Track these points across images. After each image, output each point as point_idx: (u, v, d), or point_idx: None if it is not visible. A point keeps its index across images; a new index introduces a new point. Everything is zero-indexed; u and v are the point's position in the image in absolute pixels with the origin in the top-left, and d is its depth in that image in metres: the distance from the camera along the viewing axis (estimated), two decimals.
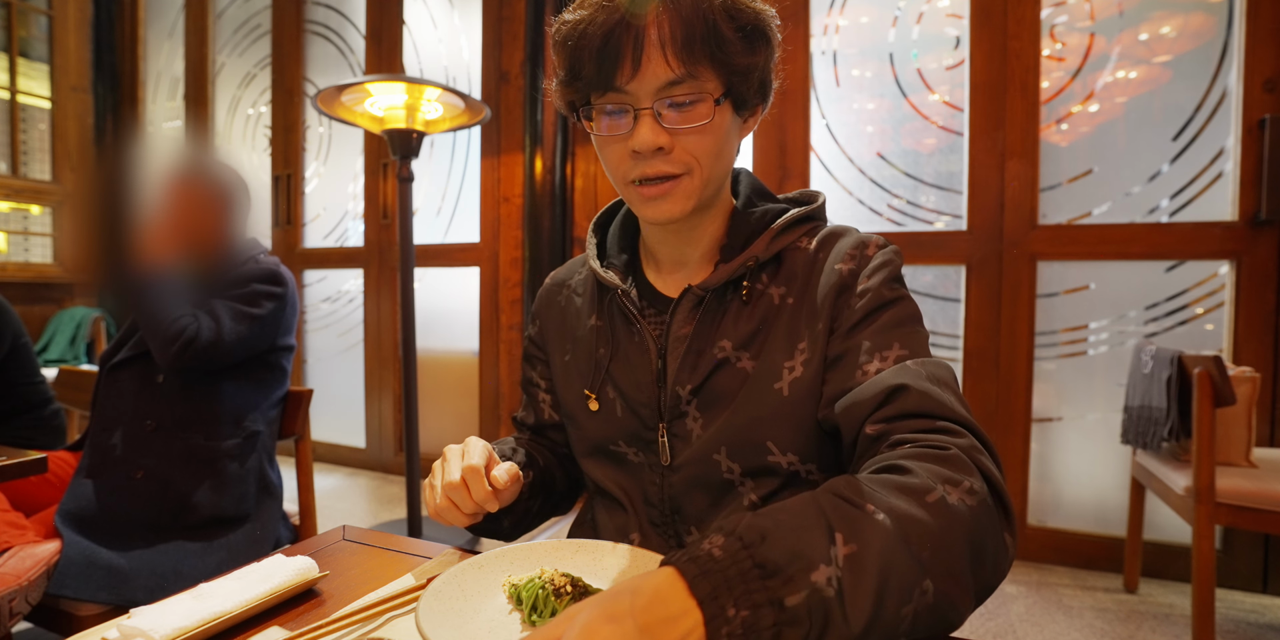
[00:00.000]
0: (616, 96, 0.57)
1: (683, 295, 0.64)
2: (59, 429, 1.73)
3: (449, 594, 0.50)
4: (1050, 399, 2.08)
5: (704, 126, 0.57)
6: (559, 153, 2.55)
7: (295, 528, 1.39)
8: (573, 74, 0.59)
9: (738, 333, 0.63)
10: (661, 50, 0.55)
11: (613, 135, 0.59)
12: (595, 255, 0.72)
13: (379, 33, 3.05)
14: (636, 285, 0.71)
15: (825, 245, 0.65)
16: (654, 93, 0.56)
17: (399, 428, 3.05)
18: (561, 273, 0.80)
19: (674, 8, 0.55)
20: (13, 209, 3.61)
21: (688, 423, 0.64)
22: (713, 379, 0.63)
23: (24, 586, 0.96)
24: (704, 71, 0.56)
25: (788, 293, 0.64)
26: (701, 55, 0.55)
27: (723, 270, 0.63)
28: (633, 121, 0.57)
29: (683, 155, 0.58)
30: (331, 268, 3.28)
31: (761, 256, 0.63)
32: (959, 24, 2.12)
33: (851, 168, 2.29)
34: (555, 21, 0.60)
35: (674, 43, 0.54)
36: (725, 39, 0.55)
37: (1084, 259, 2.00)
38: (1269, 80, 1.80)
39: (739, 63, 0.57)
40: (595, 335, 0.71)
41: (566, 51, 0.58)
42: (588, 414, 0.70)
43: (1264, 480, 1.43)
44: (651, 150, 0.57)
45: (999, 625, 1.65)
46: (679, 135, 0.58)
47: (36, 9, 3.70)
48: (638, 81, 0.56)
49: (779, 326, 0.63)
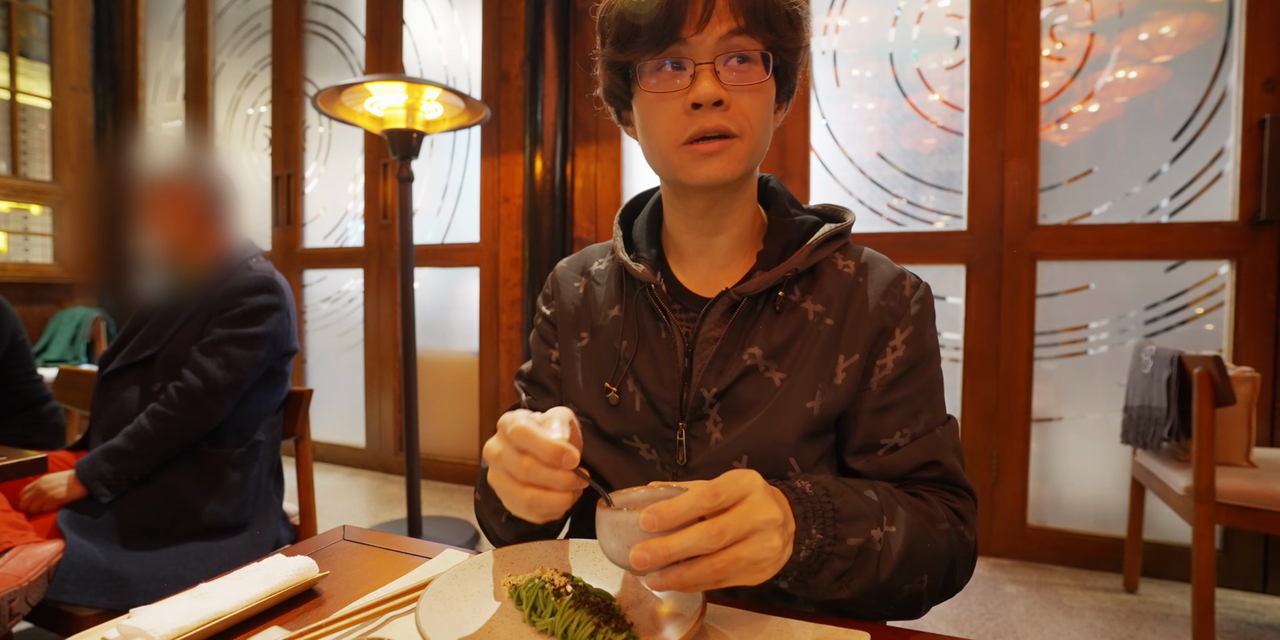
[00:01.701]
0: (678, 49, 0.58)
1: (718, 298, 0.64)
2: (57, 427, 1.73)
3: (449, 594, 0.50)
4: (1050, 399, 2.08)
5: (759, 85, 0.59)
6: (559, 153, 2.55)
7: (295, 528, 1.39)
8: (628, 36, 0.59)
9: (769, 342, 0.63)
10: (729, 3, 0.57)
11: (669, 91, 0.59)
12: (623, 248, 0.71)
13: (379, 33, 3.06)
14: (664, 280, 0.70)
15: (864, 271, 0.67)
16: (715, 45, 0.57)
17: (399, 428, 3.05)
18: (578, 259, 0.79)
19: None
20: (13, 209, 3.61)
21: (708, 426, 0.64)
22: (738, 385, 0.63)
23: (24, 587, 0.96)
24: (760, 36, 0.58)
25: (826, 312, 0.64)
26: (760, 18, 0.57)
27: (761, 278, 0.63)
28: (690, 78, 0.58)
29: (737, 115, 0.59)
30: (331, 268, 3.28)
31: (799, 268, 0.64)
32: (959, 24, 2.13)
33: (851, 168, 2.29)
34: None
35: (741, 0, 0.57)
36: (780, 10, 0.58)
37: (1084, 259, 2.00)
38: (1269, 80, 1.80)
39: (787, 37, 0.59)
40: (617, 326, 0.70)
41: (625, 13, 0.59)
42: (605, 406, 0.69)
43: (1264, 480, 1.43)
44: (712, 102, 0.58)
45: (999, 625, 1.65)
46: (735, 93, 0.58)
47: (36, 9, 3.70)
48: (703, 32, 0.57)
49: (814, 345, 0.63)
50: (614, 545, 0.43)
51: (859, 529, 0.51)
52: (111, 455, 1.15)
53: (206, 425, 1.20)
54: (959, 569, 0.59)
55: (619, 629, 0.44)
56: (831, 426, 0.65)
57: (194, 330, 1.26)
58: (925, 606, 0.57)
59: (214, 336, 1.23)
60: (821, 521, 0.50)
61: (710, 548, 0.40)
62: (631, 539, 0.42)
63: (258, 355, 1.24)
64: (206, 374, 1.20)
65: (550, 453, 0.45)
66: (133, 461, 1.15)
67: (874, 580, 0.51)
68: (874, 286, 0.65)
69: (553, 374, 0.76)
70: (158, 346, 1.26)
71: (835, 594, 0.52)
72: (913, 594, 0.55)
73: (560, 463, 0.45)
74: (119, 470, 1.14)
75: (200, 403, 1.19)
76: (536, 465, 0.46)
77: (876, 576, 0.51)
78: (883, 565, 0.51)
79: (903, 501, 0.56)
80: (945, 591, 0.59)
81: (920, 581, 0.54)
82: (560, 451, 0.45)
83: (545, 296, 0.79)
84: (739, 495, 0.43)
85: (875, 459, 0.62)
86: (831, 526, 0.50)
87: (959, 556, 0.58)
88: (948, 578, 0.58)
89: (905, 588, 0.54)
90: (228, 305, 1.25)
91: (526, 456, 0.47)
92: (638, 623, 0.46)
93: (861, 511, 0.52)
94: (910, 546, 0.53)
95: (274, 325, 1.27)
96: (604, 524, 0.44)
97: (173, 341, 1.26)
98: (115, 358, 1.30)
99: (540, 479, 0.46)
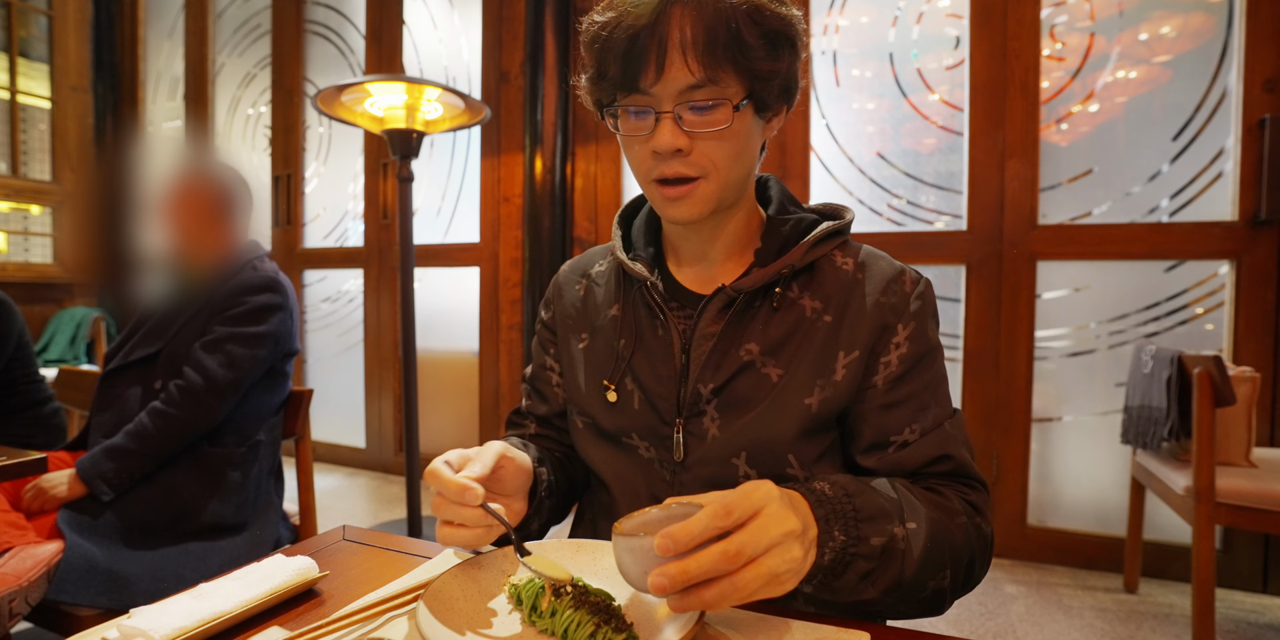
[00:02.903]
0: (640, 98, 0.59)
1: (715, 294, 0.65)
2: (58, 427, 1.73)
3: (449, 594, 0.50)
4: (1050, 399, 2.08)
5: (722, 132, 0.59)
6: (559, 153, 2.55)
7: (295, 528, 1.39)
8: (599, 73, 0.61)
9: (766, 338, 0.64)
10: (683, 55, 0.56)
11: (634, 135, 0.61)
12: (621, 247, 0.72)
13: (379, 33, 3.06)
14: (662, 279, 0.71)
15: (863, 268, 0.66)
16: (675, 96, 0.57)
17: (399, 428, 3.05)
18: (580, 262, 0.80)
19: (697, 12, 0.55)
20: (13, 209, 3.61)
21: (704, 422, 0.64)
22: (735, 381, 0.64)
23: (24, 587, 0.96)
24: (726, 76, 0.57)
25: (824, 309, 0.64)
26: (724, 60, 0.56)
27: (758, 274, 0.64)
28: (654, 123, 0.59)
29: (700, 158, 0.60)
30: (331, 268, 3.28)
31: (797, 265, 0.64)
32: (959, 24, 2.12)
33: (851, 168, 2.29)
34: (584, 20, 0.61)
35: (696, 47, 0.55)
36: (747, 45, 0.56)
37: (1084, 259, 2.00)
38: (1269, 80, 1.80)
39: (761, 68, 0.58)
40: (616, 326, 0.70)
41: (594, 52, 0.60)
42: (604, 405, 0.69)
43: (1264, 480, 1.43)
44: (670, 151, 0.59)
45: (999, 625, 1.65)
46: (698, 138, 0.59)
47: (36, 9, 3.70)
48: (660, 85, 0.57)
49: (813, 341, 0.63)
50: (633, 571, 0.43)
51: (881, 528, 0.50)
52: (112, 453, 1.15)
53: (207, 424, 1.20)
54: (978, 562, 0.58)
55: (619, 629, 0.44)
56: (833, 424, 0.65)
57: (196, 329, 1.26)
58: (948, 602, 0.57)
59: (216, 334, 1.23)
60: (844, 523, 0.49)
61: (728, 568, 0.40)
62: (648, 564, 0.41)
63: (259, 354, 1.25)
64: (208, 372, 1.20)
65: (453, 490, 0.49)
66: (133, 460, 1.15)
67: (899, 579, 0.51)
68: (873, 283, 0.65)
69: (548, 381, 0.78)
70: (160, 344, 1.26)
71: (860, 595, 0.51)
72: (936, 590, 0.54)
73: (463, 500, 0.49)
74: (120, 468, 1.14)
75: (201, 401, 1.19)
76: (444, 502, 0.50)
77: (901, 575, 0.51)
78: (906, 563, 0.51)
79: (920, 497, 0.56)
80: (965, 585, 0.58)
81: (943, 577, 0.54)
82: (461, 489, 0.49)
83: (545, 301, 0.81)
84: (753, 510, 0.42)
85: (886, 456, 0.62)
86: (854, 527, 0.49)
87: (977, 550, 0.58)
88: (967, 571, 0.57)
89: (929, 585, 0.53)
90: (231, 304, 1.25)
91: (439, 496, 0.51)
92: (638, 623, 0.46)
93: (883, 510, 0.51)
94: (932, 542, 0.53)
95: (276, 325, 1.27)
96: (620, 549, 0.43)
97: (175, 340, 1.26)
98: (116, 356, 1.30)
99: (447, 515, 0.51)
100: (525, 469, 0.60)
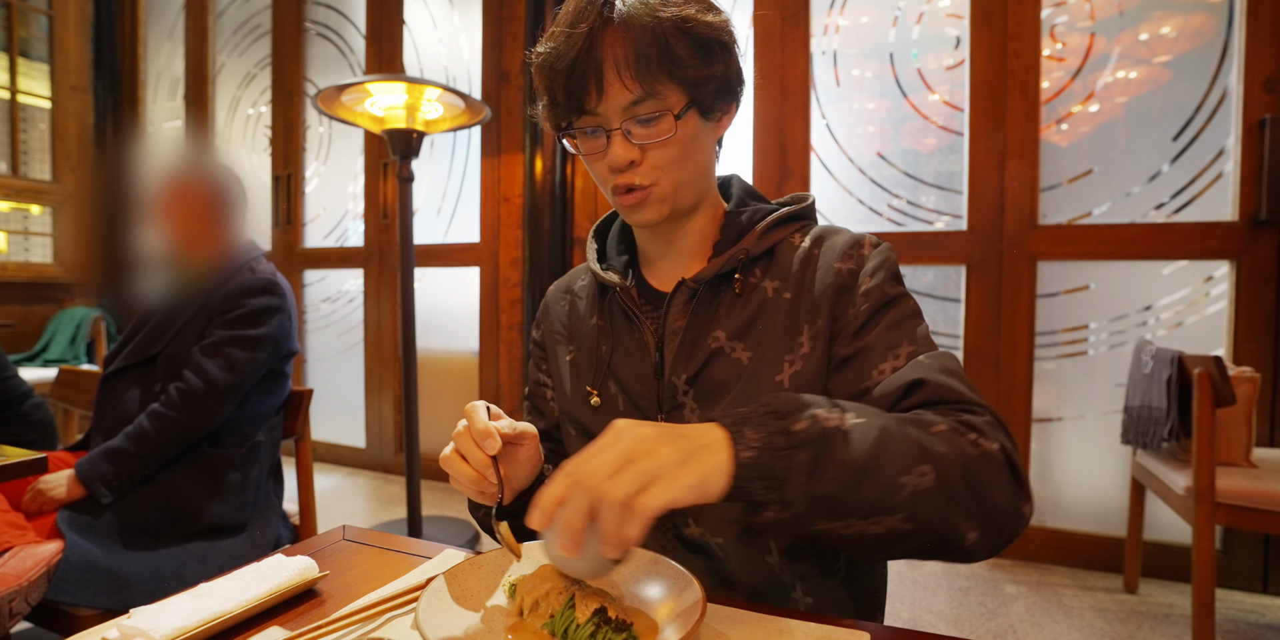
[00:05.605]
0: (590, 119, 0.63)
1: (677, 288, 0.67)
2: (44, 423, 1.69)
3: (449, 594, 0.50)
4: (1050, 399, 2.08)
5: (668, 140, 0.62)
6: (559, 153, 2.55)
7: (295, 528, 1.39)
8: (552, 100, 0.64)
9: (731, 324, 0.65)
10: (619, 75, 0.59)
11: (591, 153, 0.65)
12: (595, 259, 0.76)
13: (379, 33, 3.06)
14: (636, 284, 0.74)
15: (819, 243, 0.68)
16: (620, 112, 0.61)
17: (399, 428, 3.05)
18: (565, 280, 0.84)
19: (626, 33, 0.59)
20: (13, 209, 3.61)
21: (685, 413, 0.66)
22: (708, 369, 0.65)
23: (24, 587, 0.96)
24: (663, 88, 0.60)
25: (783, 287, 0.66)
26: (659, 74, 0.59)
27: (714, 263, 0.66)
28: (606, 141, 0.63)
29: (650, 169, 0.63)
30: (331, 268, 3.28)
31: (753, 250, 0.67)
32: (959, 24, 2.12)
33: (851, 168, 2.29)
34: (530, 53, 0.65)
35: (630, 66, 0.59)
36: (679, 57, 0.59)
37: (1084, 259, 2.00)
38: (1269, 80, 1.80)
39: (696, 75, 0.61)
40: (597, 334, 0.73)
41: (543, 80, 0.64)
42: (589, 410, 0.72)
43: (1264, 480, 1.43)
44: (625, 164, 0.62)
45: (999, 625, 1.65)
46: (648, 149, 0.63)
47: (36, 9, 3.69)
48: (604, 104, 0.61)
49: (776, 320, 0.65)
50: (570, 566, 0.46)
51: (803, 414, 0.46)
52: (111, 456, 1.15)
53: (207, 426, 1.20)
54: (986, 481, 0.48)
55: (619, 629, 0.44)
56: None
57: (196, 331, 1.26)
58: (966, 530, 0.47)
59: (215, 338, 1.23)
60: (756, 421, 0.45)
61: (582, 493, 0.40)
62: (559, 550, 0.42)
63: (259, 357, 1.25)
64: (207, 375, 1.20)
65: (479, 431, 0.53)
66: (133, 462, 1.15)
67: (849, 464, 0.44)
68: (830, 254, 0.66)
69: (544, 396, 0.81)
70: (159, 347, 1.26)
71: (819, 494, 0.44)
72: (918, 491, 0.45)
73: (483, 443, 0.52)
74: (119, 471, 1.14)
75: (201, 404, 1.19)
76: (465, 438, 0.54)
77: (848, 458, 0.44)
78: (852, 443, 0.45)
79: (876, 409, 0.50)
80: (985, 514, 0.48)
81: (924, 475, 0.46)
82: (486, 433, 0.52)
83: (536, 322, 0.84)
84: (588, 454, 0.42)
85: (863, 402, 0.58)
86: (769, 421, 0.45)
87: (979, 465, 0.48)
88: (976, 491, 0.47)
89: (904, 481, 0.45)
90: (230, 306, 1.25)
91: (463, 431, 0.54)
92: (637, 623, 0.46)
93: (802, 403, 0.47)
94: (886, 433, 0.46)
95: (275, 327, 1.27)
96: (556, 563, 0.48)
97: (174, 342, 1.26)
98: (118, 358, 1.30)
99: (462, 449, 0.54)
100: (539, 457, 0.61)
